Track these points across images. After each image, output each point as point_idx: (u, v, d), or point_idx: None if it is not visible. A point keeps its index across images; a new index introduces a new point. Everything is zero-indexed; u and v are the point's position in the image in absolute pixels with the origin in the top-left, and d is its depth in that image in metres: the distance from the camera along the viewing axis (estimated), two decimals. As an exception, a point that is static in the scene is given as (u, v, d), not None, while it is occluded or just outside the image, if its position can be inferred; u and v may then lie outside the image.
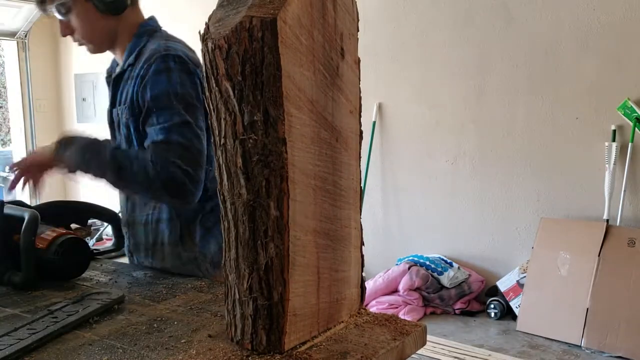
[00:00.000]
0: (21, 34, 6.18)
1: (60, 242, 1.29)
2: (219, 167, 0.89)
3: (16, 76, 6.27)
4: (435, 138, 4.27)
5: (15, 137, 6.51)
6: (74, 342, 0.96)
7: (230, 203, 0.88)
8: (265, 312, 0.87)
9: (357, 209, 1.04)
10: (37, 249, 1.26)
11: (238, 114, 0.84)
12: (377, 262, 4.23)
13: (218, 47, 0.83)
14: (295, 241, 0.86)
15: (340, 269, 0.99)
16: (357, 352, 0.89)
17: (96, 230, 5.41)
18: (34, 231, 1.25)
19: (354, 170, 1.01)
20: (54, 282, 1.30)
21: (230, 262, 0.90)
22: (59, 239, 1.29)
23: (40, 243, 1.28)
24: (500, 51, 3.93)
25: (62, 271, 1.31)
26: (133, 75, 1.51)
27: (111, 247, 1.62)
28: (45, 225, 1.34)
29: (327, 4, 0.90)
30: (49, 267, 1.28)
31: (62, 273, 1.32)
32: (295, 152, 0.84)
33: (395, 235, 4.50)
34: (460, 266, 4.01)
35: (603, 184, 3.54)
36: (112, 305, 1.12)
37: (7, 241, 1.29)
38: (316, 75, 0.88)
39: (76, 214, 1.55)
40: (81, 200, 1.76)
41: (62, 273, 1.32)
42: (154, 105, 1.43)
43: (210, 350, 0.91)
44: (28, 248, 1.24)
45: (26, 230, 1.24)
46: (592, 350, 3.22)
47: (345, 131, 0.98)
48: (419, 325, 1.02)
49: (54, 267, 1.29)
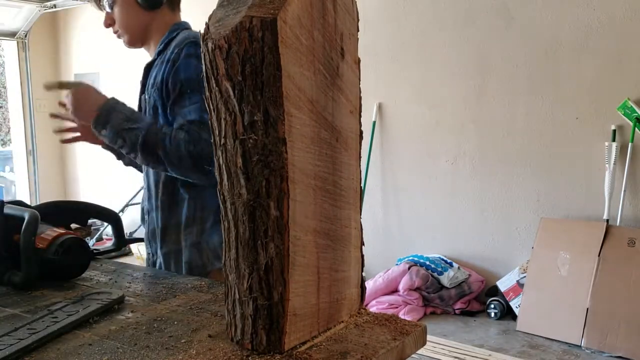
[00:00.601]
0: (21, 34, 6.18)
1: (60, 242, 1.29)
2: (219, 167, 0.89)
3: (16, 76, 6.28)
4: (435, 138, 4.27)
5: (15, 137, 6.52)
6: (74, 342, 0.96)
7: (230, 203, 0.88)
8: (265, 312, 0.87)
9: (357, 209, 1.04)
10: (37, 249, 1.26)
11: (238, 114, 0.84)
12: (377, 262, 4.23)
13: (218, 47, 0.83)
14: (295, 241, 0.86)
15: (340, 269, 0.99)
16: (357, 352, 0.89)
17: (96, 230, 5.41)
18: (34, 231, 1.25)
19: (354, 170, 1.01)
20: (54, 282, 1.30)
21: (230, 262, 0.90)
22: (60, 239, 1.29)
23: (41, 243, 1.28)
24: (500, 51, 3.93)
25: (62, 271, 1.31)
26: (163, 60, 1.62)
27: (111, 247, 1.62)
28: (46, 224, 1.34)
29: (327, 4, 0.90)
30: (49, 266, 1.28)
31: (62, 273, 1.32)
32: (295, 152, 0.84)
33: (395, 235, 4.51)
34: (460, 266, 4.01)
35: (603, 184, 3.54)
36: (112, 305, 1.12)
37: (7, 241, 1.29)
38: (316, 75, 0.88)
39: (76, 214, 1.55)
40: (81, 201, 1.76)
41: (62, 273, 1.32)
42: (187, 86, 1.52)
43: (210, 350, 0.91)
44: (28, 248, 1.23)
45: (26, 230, 1.24)
46: (592, 350, 3.22)
47: (345, 131, 0.98)
48: (419, 325, 1.02)
49: (54, 267, 1.29)
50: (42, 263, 1.27)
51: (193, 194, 1.63)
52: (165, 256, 1.70)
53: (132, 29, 1.70)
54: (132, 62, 5.88)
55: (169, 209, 1.67)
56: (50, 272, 1.30)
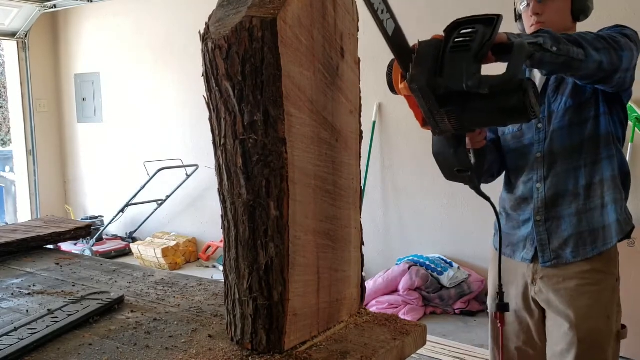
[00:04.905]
0: (21, 34, 6.18)
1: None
2: (219, 167, 0.89)
3: (16, 76, 6.27)
4: (435, 138, 4.27)
5: (15, 137, 6.52)
6: (74, 342, 0.96)
7: (230, 203, 0.88)
8: (265, 312, 0.87)
9: (357, 209, 1.04)
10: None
11: (238, 114, 0.84)
12: (377, 262, 4.23)
13: (218, 47, 0.83)
14: (295, 241, 0.86)
15: (340, 269, 0.99)
16: (357, 352, 0.89)
17: (96, 230, 5.41)
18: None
19: (354, 170, 1.01)
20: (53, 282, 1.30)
21: (230, 262, 0.90)
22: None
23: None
24: (500, 51, 3.93)
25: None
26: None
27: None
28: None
29: (327, 4, 0.90)
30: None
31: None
32: (295, 152, 0.84)
33: (395, 235, 4.50)
34: (460, 266, 4.01)
35: (603, 184, 3.54)
36: (112, 305, 1.12)
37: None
38: (316, 75, 0.88)
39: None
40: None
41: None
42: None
43: (210, 350, 0.91)
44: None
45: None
46: (592, 350, 3.21)
47: (345, 131, 0.98)
48: (419, 325, 1.02)
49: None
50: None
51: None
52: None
53: (553, 27, 1.52)
54: (132, 62, 5.90)
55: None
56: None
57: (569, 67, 1.30)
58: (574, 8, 1.60)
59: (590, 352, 1.55)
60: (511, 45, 1.10)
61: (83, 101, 6.34)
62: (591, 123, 1.54)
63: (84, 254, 2.30)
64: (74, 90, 6.39)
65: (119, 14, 5.90)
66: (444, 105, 1.10)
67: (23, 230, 1.76)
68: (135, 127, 5.91)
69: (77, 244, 5.37)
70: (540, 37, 1.23)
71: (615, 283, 1.59)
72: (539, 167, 1.59)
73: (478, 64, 1.06)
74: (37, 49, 6.33)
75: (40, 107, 6.40)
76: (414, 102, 1.13)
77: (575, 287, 1.56)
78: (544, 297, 1.60)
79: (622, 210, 1.59)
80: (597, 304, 1.55)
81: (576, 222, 1.56)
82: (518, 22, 1.70)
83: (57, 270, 1.46)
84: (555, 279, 1.58)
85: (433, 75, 1.07)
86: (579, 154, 1.55)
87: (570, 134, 1.55)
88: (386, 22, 1.02)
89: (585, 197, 1.56)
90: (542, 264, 1.59)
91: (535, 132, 1.59)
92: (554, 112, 1.56)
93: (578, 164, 1.55)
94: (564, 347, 1.56)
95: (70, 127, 6.52)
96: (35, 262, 1.54)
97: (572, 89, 1.54)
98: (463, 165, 1.30)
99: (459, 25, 1.11)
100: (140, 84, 5.76)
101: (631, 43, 1.43)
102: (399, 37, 1.07)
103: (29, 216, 6.30)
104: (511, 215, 1.70)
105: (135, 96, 5.83)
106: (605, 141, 1.55)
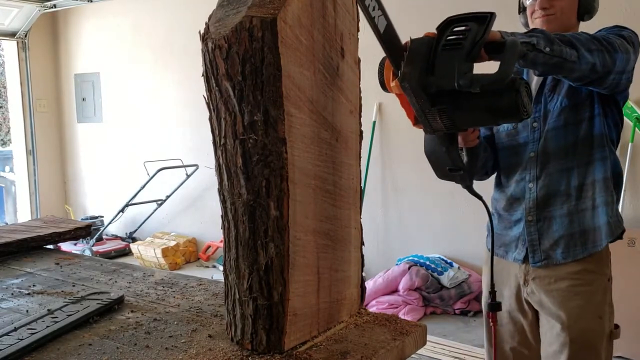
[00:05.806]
0: (21, 34, 6.18)
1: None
2: (219, 167, 0.89)
3: (16, 76, 6.27)
4: (435, 138, 4.27)
5: (15, 137, 6.52)
6: (74, 342, 0.96)
7: (230, 203, 0.88)
8: (265, 312, 0.87)
9: (357, 209, 1.04)
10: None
11: (238, 114, 0.84)
12: (377, 262, 4.23)
13: (218, 47, 0.83)
14: (295, 241, 0.86)
15: (340, 269, 0.99)
16: (357, 352, 0.89)
17: (96, 230, 5.41)
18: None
19: (354, 170, 1.01)
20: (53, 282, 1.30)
21: (230, 262, 0.90)
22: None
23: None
24: (500, 51, 3.92)
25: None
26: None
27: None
28: None
29: (327, 4, 0.90)
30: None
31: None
32: (295, 152, 0.84)
33: (395, 235, 4.50)
34: (460, 266, 4.01)
35: (603, 184, 3.54)
36: (112, 305, 1.12)
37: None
38: (316, 75, 0.88)
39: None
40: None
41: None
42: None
43: (210, 350, 0.91)
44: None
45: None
46: (592, 350, 3.21)
47: (345, 131, 0.98)
48: (419, 325, 1.02)
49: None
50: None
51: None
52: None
53: (562, 19, 1.57)
54: (132, 62, 5.90)
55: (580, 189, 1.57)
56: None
57: (562, 68, 1.30)
58: (580, 7, 1.59)
59: (582, 353, 1.54)
60: (503, 44, 1.09)
61: (83, 101, 6.33)
62: (586, 124, 1.54)
63: (83, 254, 2.30)
64: (74, 90, 6.39)
65: (119, 14, 5.90)
66: (435, 104, 1.09)
67: (23, 230, 1.76)
68: (135, 127, 5.91)
69: (77, 244, 5.37)
70: (534, 37, 1.22)
71: (607, 283, 1.58)
72: (532, 166, 1.59)
73: (470, 62, 1.06)
74: (37, 49, 6.33)
75: (40, 107, 6.40)
76: (406, 101, 1.12)
77: (567, 287, 1.56)
78: (536, 299, 1.60)
79: (612, 212, 1.59)
80: (588, 304, 1.55)
81: (567, 222, 1.56)
82: (521, 15, 1.69)
83: (57, 270, 1.46)
84: (547, 280, 1.58)
85: (425, 74, 1.06)
86: (573, 154, 1.55)
87: (565, 134, 1.55)
88: (377, 19, 1.00)
89: (577, 198, 1.56)
90: (533, 265, 1.59)
91: (531, 131, 1.59)
92: (549, 112, 1.56)
93: (571, 165, 1.55)
94: (556, 347, 1.56)
95: (70, 127, 6.52)
96: (35, 262, 1.54)
97: (568, 88, 1.53)
98: (455, 164, 1.30)
99: (451, 23, 1.11)
100: (140, 84, 5.76)
101: (628, 44, 1.42)
102: (390, 35, 1.05)
103: (29, 216, 6.30)
104: (503, 215, 1.69)
105: (135, 96, 5.83)
106: (599, 143, 1.55)
